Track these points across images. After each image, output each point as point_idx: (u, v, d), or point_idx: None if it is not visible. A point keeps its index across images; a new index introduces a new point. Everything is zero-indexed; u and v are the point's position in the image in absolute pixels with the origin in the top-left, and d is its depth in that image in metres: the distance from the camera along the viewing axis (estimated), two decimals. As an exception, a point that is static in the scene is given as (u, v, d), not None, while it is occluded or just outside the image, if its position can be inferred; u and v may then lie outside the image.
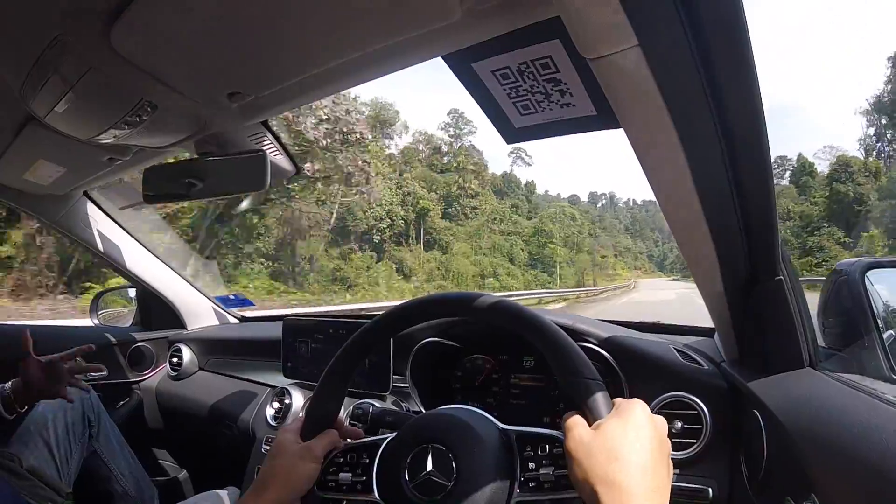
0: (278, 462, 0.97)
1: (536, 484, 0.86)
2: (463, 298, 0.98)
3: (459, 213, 64.24)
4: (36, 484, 1.43)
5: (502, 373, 1.70)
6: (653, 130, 0.81)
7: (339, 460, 1.00)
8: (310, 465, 0.97)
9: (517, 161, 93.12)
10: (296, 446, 0.98)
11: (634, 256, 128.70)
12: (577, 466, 0.76)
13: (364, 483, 0.96)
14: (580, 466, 0.76)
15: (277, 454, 0.98)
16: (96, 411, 1.97)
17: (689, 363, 1.39)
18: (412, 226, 52.45)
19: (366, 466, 0.98)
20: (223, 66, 1.03)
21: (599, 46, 0.70)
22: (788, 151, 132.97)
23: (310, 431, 1.01)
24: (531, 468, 0.87)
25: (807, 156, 76.56)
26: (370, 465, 0.97)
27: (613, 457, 0.73)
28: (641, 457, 0.74)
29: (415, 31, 0.86)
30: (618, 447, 0.74)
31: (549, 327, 0.89)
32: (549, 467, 0.85)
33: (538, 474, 0.86)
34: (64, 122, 1.22)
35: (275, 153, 1.52)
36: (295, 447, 0.98)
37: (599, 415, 0.80)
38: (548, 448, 0.87)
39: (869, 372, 1.21)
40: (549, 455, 0.86)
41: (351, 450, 1.01)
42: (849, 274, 1.35)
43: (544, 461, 0.86)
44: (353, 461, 0.99)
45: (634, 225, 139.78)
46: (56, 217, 2.19)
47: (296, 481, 0.96)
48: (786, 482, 0.94)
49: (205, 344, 2.69)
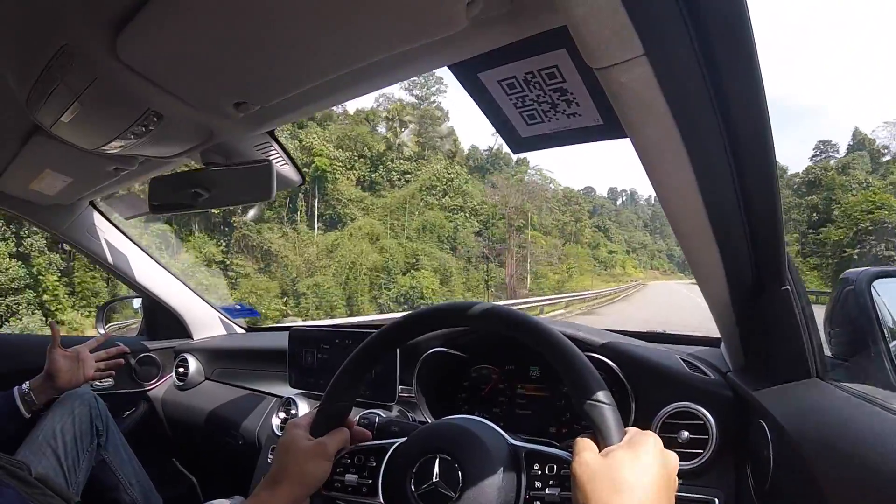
0: (290, 458, 0.96)
1: (541, 503, 0.85)
2: (473, 308, 0.97)
3: (384, 181, 52.44)
4: (44, 492, 1.42)
5: (508, 383, 1.69)
6: (659, 140, 0.81)
7: (347, 461, 1.01)
8: (323, 463, 0.97)
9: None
10: (308, 443, 0.98)
11: (652, 255, 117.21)
12: (580, 491, 0.76)
13: (370, 486, 0.97)
14: (583, 491, 0.75)
15: (289, 449, 0.97)
16: (104, 420, 1.97)
17: (695, 373, 1.39)
18: (301, 197, 43.68)
19: (372, 469, 0.98)
20: (229, 76, 1.03)
21: (606, 56, 0.70)
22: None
23: (320, 428, 1.00)
24: (537, 487, 0.87)
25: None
26: (377, 468, 0.98)
27: (618, 488, 0.73)
28: (646, 493, 0.73)
29: (421, 41, 0.86)
30: (624, 479, 0.74)
31: (565, 344, 0.88)
32: (556, 488, 0.85)
33: (543, 494, 0.86)
34: (70, 132, 1.22)
35: (281, 163, 1.52)
36: (307, 444, 0.97)
37: (610, 441, 0.80)
38: (555, 468, 0.87)
39: (876, 382, 1.20)
40: (556, 476, 0.86)
41: (359, 451, 1.01)
42: (855, 283, 1.35)
43: (551, 481, 0.86)
44: (360, 463, 1.00)
45: (654, 221, 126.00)
46: (62, 227, 2.20)
47: (309, 479, 0.96)
48: (792, 492, 0.94)
49: (211, 354, 2.69)
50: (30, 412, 1.80)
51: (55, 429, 1.79)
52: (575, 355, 0.87)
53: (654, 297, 44.78)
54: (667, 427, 1.31)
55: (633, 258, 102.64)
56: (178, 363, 2.68)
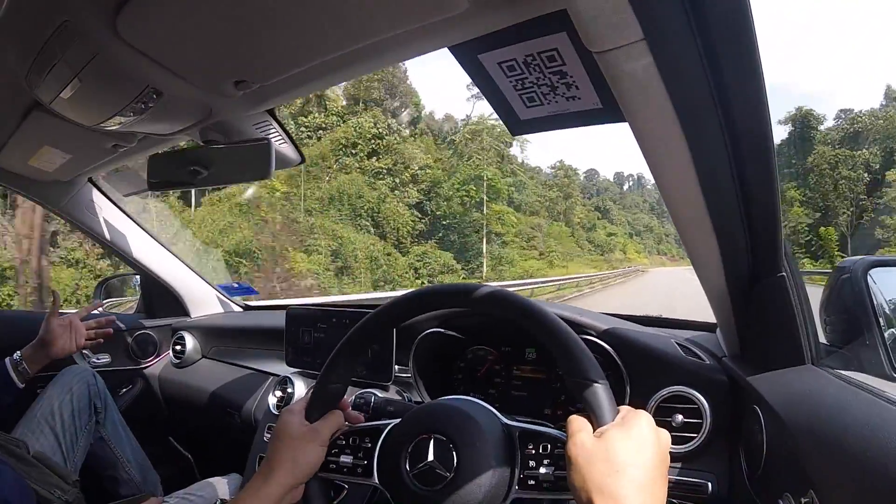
0: (285, 445, 0.97)
1: (535, 482, 0.86)
2: (471, 290, 0.98)
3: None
4: (42, 470, 1.44)
5: (504, 364, 1.70)
6: (657, 124, 0.81)
7: (342, 443, 1.01)
8: (317, 448, 0.97)
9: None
10: (302, 428, 0.98)
11: (658, 239, 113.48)
12: (575, 472, 0.77)
13: (365, 467, 0.98)
14: (579, 472, 0.76)
15: (283, 436, 0.98)
16: (103, 397, 1.98)
17: (690, 357, 1.40)
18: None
19: (367, 450, 0.99)
20: (229, 54, 1.03)
21: (605, 40, 0.70)
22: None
23: (314, 412, 1.01)
24: (531, 466, 0.87)
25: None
26: (372, 449, 0.99)
27: (613, 468, 0.74)
28: (641, 472, 0.74)
29: (421, 22, 0.86)
30: (619, 459, 0.75)
31: (558, 324, 0.89)
32: (550, 467, 0.86)
33: (538, 473, 0.86)
34: (69, 108, 1.22)
35: (280, 142, 1.52)
36: (301, 429, 0.98)
37: (604, 420, 0.81)
38: (549, 448, 0.88)
39: (870, 369, 1.21)
40: (549, 454, 0.87)
41: (353, 433, 1.02)
42: (851, 272, 1.35)
43: (545, 461, 0.87)
44: (354, 444, 1.00)
45: (661, 205, 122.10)
46: (60, 203, 2.20)
47: (303, 465, 0.96)
48: (785, 478, 0.94)
49: (208, 332, 2.70)
50: (23, 382, 1.82)
51: (53, 406, 1.80)
52: (569, 336, 0.88)
53: (652, 287, 35.98)
54: (661, 411, 1.32)
55: (637, 242, 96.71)
56: (175, 341, 2.69)
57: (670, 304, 21.77)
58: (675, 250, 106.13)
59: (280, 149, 1.54)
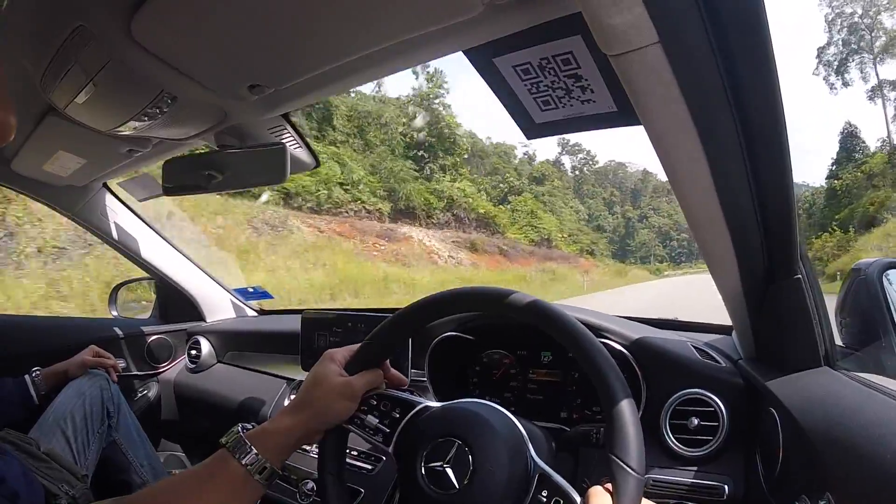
0: (319, 391, 0.97)
1: None
2: (517, 299, 0.95)
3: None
4: (51, 466, 1.44)
5: (520, 368, 1.70)
6: (672, 127, 0.81)
7: (373, 402, 1.02)
8: (347, 403, 0.98)
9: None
10: (339, 379, 0.98)
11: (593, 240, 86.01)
12: None
13: (386, 435, 0.99)
14: None
15: (320, 383, 0.98)
16: (116, 402, 1.99)
17: (706, 360, 1.39)
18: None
19: (394, 420, 1.00)
20: (244, 58, 1.03)
21: (620, 43, 0.70)
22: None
23: (354, 366, 1.01)
24: None
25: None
26: (399, 420, 0.99)
27: None
28: None
29: (436, 25, 0.86)
30: None
31: (616, 384, 0.84)
32: None
33: None
34: (84, 113, 1.23)
35: (295, 146, 1.52)
36: (338, 380, 0.98)
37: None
38: (561, 503, 0.86)
39: (886, 372, 1.20)
40: None
41: (387, 398, 1.02)
42: (867, 273, 1.34)
43: None
44: (385, 409, 1.01)
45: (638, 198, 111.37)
46: (75, 208, 2.22)
47: (330, 415, 0.97)
48: (801, 481, 0.94)
49: (223, 336, 2.70)
50: (38, 398, 1.89)
51: (66, 410, 1.81)
52: (624, 408, 0.82)
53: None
54: (677, 413, 1.31)
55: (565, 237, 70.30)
56: (190, 345, 2.70)
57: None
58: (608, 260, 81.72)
59: (295, 153, 1.54)
